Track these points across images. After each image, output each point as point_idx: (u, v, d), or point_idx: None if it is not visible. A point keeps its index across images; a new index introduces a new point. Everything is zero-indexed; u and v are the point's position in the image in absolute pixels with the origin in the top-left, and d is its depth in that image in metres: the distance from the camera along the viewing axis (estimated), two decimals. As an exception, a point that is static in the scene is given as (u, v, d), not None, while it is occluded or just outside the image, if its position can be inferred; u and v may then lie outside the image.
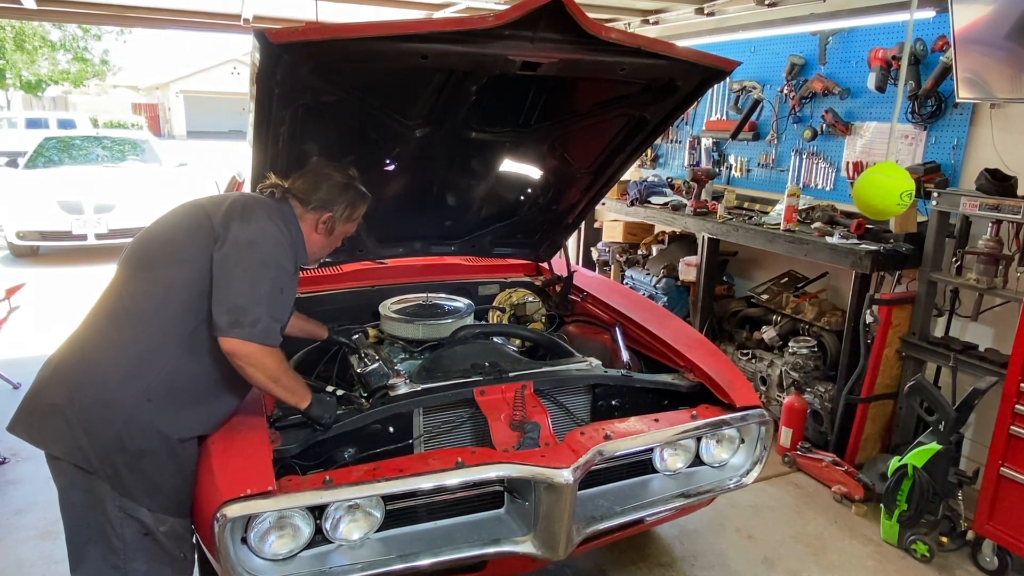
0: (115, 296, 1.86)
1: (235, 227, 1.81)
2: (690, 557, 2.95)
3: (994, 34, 3.02)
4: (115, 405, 1.73)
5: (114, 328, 1.82)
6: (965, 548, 2.98)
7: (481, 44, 1.88)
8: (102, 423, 1.72)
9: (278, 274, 1.82)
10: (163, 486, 1.80)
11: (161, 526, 1.82)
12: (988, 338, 3.38)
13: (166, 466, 1.80)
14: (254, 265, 1.79)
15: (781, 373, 4.03)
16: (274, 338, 1.80)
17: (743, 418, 2.29)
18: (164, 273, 1.83)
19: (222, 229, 1.81)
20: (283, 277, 1.84)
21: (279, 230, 1.87)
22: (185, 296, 1.79)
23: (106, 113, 27.07)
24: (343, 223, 2.06)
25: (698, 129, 5.25)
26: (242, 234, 1.80)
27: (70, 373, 1.77)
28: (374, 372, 2.24)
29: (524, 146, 2.76)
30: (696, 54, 2.16)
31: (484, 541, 1.94)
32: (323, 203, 2.00)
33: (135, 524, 1.78)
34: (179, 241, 1.86)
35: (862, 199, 2.89)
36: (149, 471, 1.77)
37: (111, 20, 6.09)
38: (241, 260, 1.78)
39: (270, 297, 1.78)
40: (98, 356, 1.78)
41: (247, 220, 1.84)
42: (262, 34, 1.66)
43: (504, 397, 2.14)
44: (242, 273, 1.77)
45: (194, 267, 1.80)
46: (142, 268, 1.87)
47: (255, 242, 1.81)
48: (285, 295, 1.85)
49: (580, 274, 3.41)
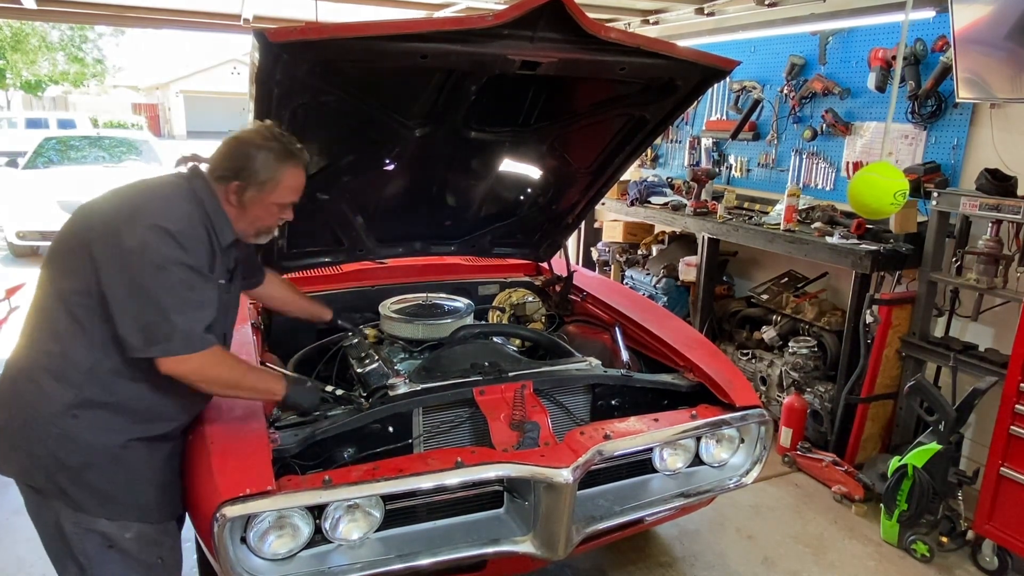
0: (31, 305, 1.74)
1: (122, 231, 1.61)
2: (690, 557, 2.95)
3: (994, 34, 3.02)
4: (42, 423, 1.65)
5: (28, 342, 1.72)
6: (965, 548, 2.98)
7: (481, 44, 1.88)
8: (36, 442, 1.66)
9: (182, 273, 1.64)
10: (115, 494, 1.72)
11: (126, 533, 1.74)
12: (988, 338, 3.37)
13: (113, 474, 1.71)
14: (147, 272, 1.60)
15: (781, 373, 4.03)
16: (200, 343, 1.66)
17: (743, 418, 2.29)
18: (60, 284, 1.69)
19: (107, 236, 1.62)
20: (188, 274, 1.65)
21: (178, 218, 1.66)
22: (85, 304, 1.64)
23: (106, 113, 27.06)
24: (258, 190, 1.77)
25: (698, 129, 5.25)
26: (128, 239, 1.60)
27: (3, 391, 1.71)
28: (373, 372, 2.24)
29: (524, 146, 2.76)
30: (696, 54, 2.16)
31: (484, 541, 1.94)
32: (230, 172, 1.76)
33: (96, 537, 1.72)
34: (63, 250, 1.69)
35: (856, 198, 2.90)
36: (96, 483, 1.69)
37: (110, 20, 6.09)
38: (132, 270, 1.60)
39: (178, 302, 1.63)
40: (19, 373, 1.70)
41: (132, 221, 1.63)
42: (262, 34, 1.66)
43: (504, 397, 2.14)
44: (136, 286, 1.60)
45: (81, 278, 1.64)
46: (44, 275, 1.73)
47: (145, 245, 1.60)
48: (198, 292, 1.68)
49: (580, 274, 3.41)
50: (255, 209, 1.80)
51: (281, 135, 1.81)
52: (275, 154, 1.77)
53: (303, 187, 1.87)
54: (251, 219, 1.82)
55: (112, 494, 1.72)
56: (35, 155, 8.68)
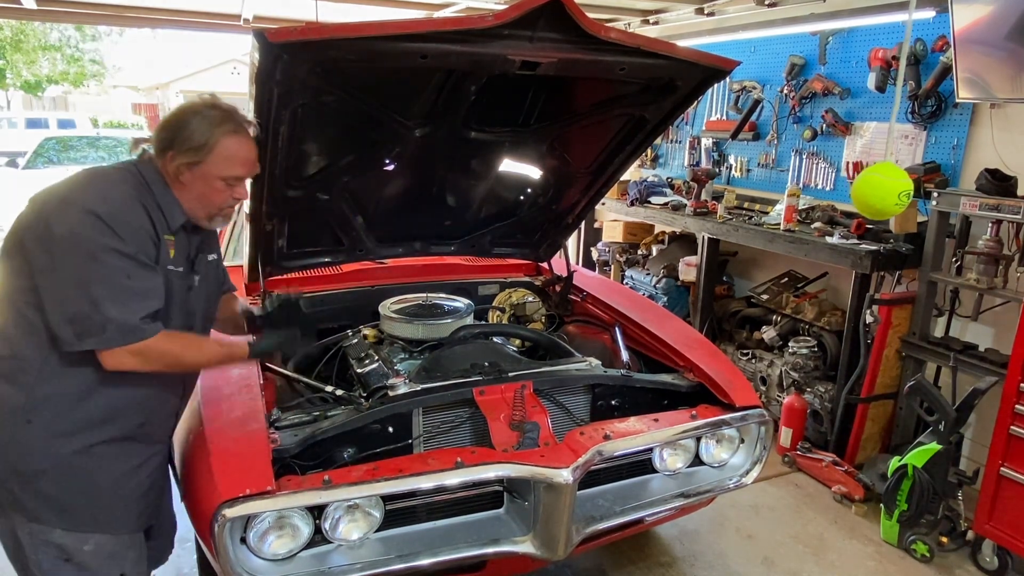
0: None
1: (52, 218, 1.52)
2: (690, 557, 2.95)
3: (994, 34, 3.02)
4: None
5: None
6: (965, 548, 2.98)
7: (480, 44, 1.88)
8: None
9: (116, 260, 1.53)
10: (72, 503, 1.63)
11: (84, 545, 1.65)
12: (988, 338, 3.37)
13: (68, 482, 1.62)
14: (78, 261, 1.51)
15: (781, 373, 4.03)
16: (138, 333, 1.55)
17: (743, 418, 2.29)
18: (6, 283, 1.60)
19: (38, 225, 1.54)
20: (123, 261, 1.54)
21: (112, 202, 1.56)
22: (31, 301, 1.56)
23: (106, 113, 27.03)
24: (193, 158, 1.63)
25: (698, 129, 5.25)
26: (57, 226, 1.51)
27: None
28: (373, 372, 2.24)
29: (524, 146, 2.76)
30: (696, 54, 2.16)
31: (483, 541, 1.94)
32: (166, 141, 1.64)
33: (52, 549, 1.63)
34: (8, 247, 1.60)
35: (860, 199, 2.90)
36: (49, 491, 1.61)
37: (110, 20, 6.09)
38: (62, 259, 1.51)
39: (112, 292, 1.52)
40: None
41: (63, 207, 1.54)
42: (261, 34, 1.65)
43: (504, 397, 2.14)
44: (67, 276, 1.52)
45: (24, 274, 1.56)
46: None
47: (74, 232, 1.51)
48: (137, 280, 1.57)
49: (580, 274, 3.41)
50: (197, 184, 1.67)
51: (226, 105, 1.68)
52: (210, 120, 1.63)
53: (252, 162, 1.74)
54: (197, 196, 1.68)
55: (68, 503, 1.63)
56: (35, 155, 8.68)
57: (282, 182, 2.32)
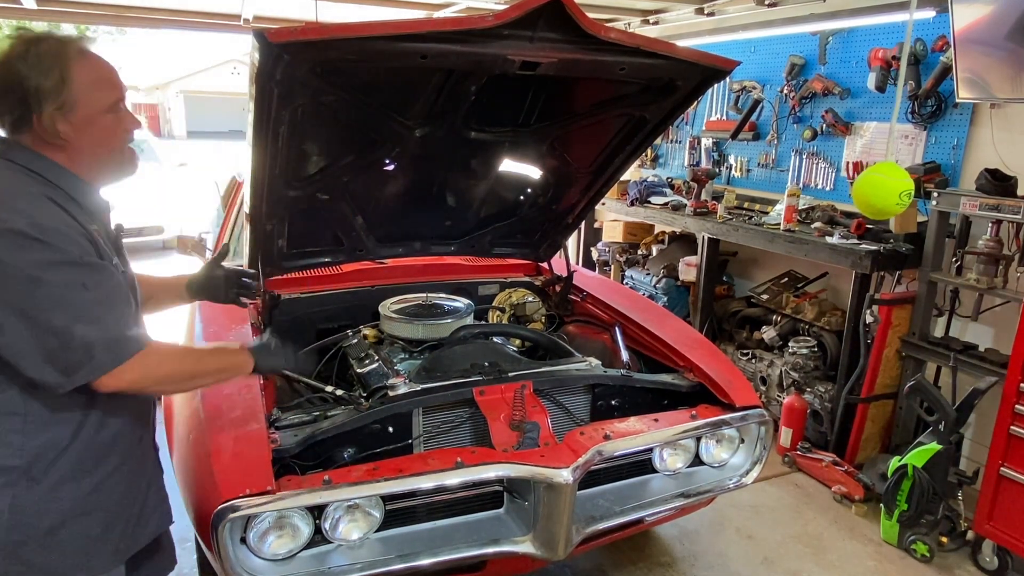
0: None
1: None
2: (690, 557, 2.95)
3: (994, 34, 3.02)
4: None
5: None
6: (965, 548, 2.98)
7: (480, 44, 1.88)
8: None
9: (64, 274, 1.29)
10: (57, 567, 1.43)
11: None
12: (988, 338, 3.37)
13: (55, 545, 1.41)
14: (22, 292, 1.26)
15: (781, 373, 4.03)
16: (129, 346, 1.36)
17: (743, 418, 2.29)
18: None
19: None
20: (72, 272, 1.30)
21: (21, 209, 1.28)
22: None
23: (106, 113, 27.00)
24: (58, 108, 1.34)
25: (698, 129, 5.25)
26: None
27: None
28: (373, 372, 2.24)
29: (524, 146, 2.76)
30: (696, 54, 2.16)
31: (484, 541, 1.94)
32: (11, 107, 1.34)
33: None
34: None
35: (862, 199, 2.90)
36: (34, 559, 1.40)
37: (110, 20, 6.08)
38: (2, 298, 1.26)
39: (75, 312, 1.29)
40: None
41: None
42: (261, 34, 1.65)
43: (504, 397, 2.14)
44: (15, 315, 1.26)
45: None
46: None
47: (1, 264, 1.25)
48: (96, 288, 1.33)
49: (580, 274, 3.41)
50: (83, 135, 1.38)
51: (39, 32, 1.39)
52: (44, 58, 1.33)
53: (118, 77, 1.46)
54: (89, 147, 1.41)
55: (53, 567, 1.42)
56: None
57: (282, 182, 2.32)
